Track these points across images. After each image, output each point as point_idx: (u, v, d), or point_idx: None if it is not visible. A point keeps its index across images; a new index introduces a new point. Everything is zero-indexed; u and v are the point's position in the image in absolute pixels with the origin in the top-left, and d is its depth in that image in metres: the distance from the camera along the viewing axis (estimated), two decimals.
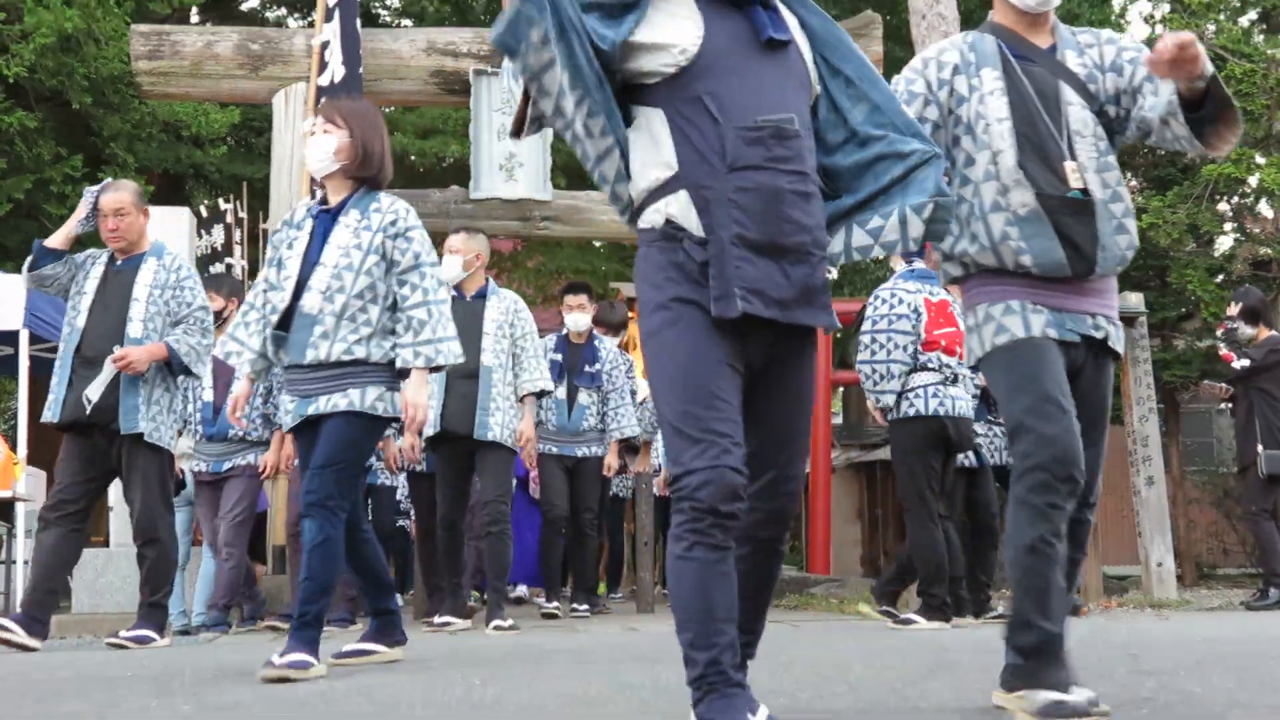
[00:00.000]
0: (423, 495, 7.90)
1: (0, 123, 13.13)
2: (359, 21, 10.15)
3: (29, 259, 6.41)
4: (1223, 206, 13.97)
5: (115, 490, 7.78)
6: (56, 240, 6.41)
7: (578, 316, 8.48)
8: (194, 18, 18.82)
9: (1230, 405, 9.82)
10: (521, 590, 10.53)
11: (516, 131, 3.09)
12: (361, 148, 4.89)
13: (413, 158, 17.13)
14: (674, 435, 2.79)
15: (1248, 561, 13.97)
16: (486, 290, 7.30)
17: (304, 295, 4.71)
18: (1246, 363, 9.31)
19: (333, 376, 4.68)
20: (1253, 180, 12.97)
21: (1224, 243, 14.68)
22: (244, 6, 20.33)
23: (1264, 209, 14.19)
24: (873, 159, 3.01)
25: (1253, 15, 15.23)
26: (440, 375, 6.86)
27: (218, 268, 11.90)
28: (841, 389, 17.56)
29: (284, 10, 20.56)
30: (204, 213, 12.29)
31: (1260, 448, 9.13)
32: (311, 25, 10.99)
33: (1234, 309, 9.59)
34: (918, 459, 7.00)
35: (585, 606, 8.35)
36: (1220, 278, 13.35)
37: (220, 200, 12.74)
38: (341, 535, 4.61)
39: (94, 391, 6.09)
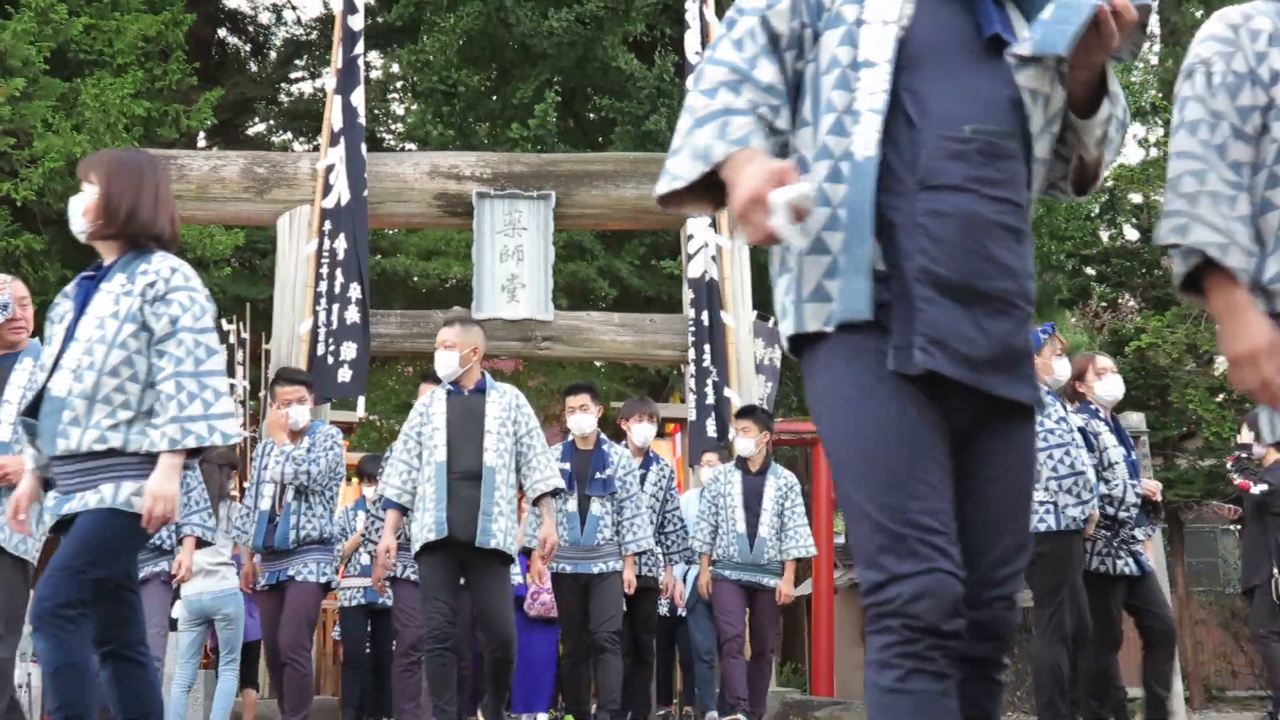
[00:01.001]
0: (359, 626, 7.97)
1: (7, 245, 13.25)
2: (364, 145, 10.30)
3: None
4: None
5: None
6: None
7: (581, 419, 7.71)
8: (201, 142, 19.10)
9: (1238, 525, 9.76)
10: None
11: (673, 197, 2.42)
12: (105, 200, 4.09)
13: (415, 278, 17.25)
14: (871, 531, 2.22)
15: (1257, 683, 13.80)
16: (485, 385, 6.74)
17: (54, 375, 3.95)
18: (1265, 487, 9.24)
19: (86, 470, 3.90)
20: None
21: (1223, 362, 14.71)
22: (250, 131, 20.66)
23: None
24: None
25: None
26: (440, 477, 6.41)
27: None
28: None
29: (290, 135, 20.86)
30: None
31: (1276, 570, 9.05)
32: (317, 149, 11.15)
33: (1247, 433, 9.52)
34: (1066, 575, 6.68)
35: None
36: (1221, 397, 13.37)
37: (223, 321, 12.82)
38: (87, 653, 3.87)
39: None
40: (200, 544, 6.96)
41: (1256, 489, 9.25)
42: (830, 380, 2.31)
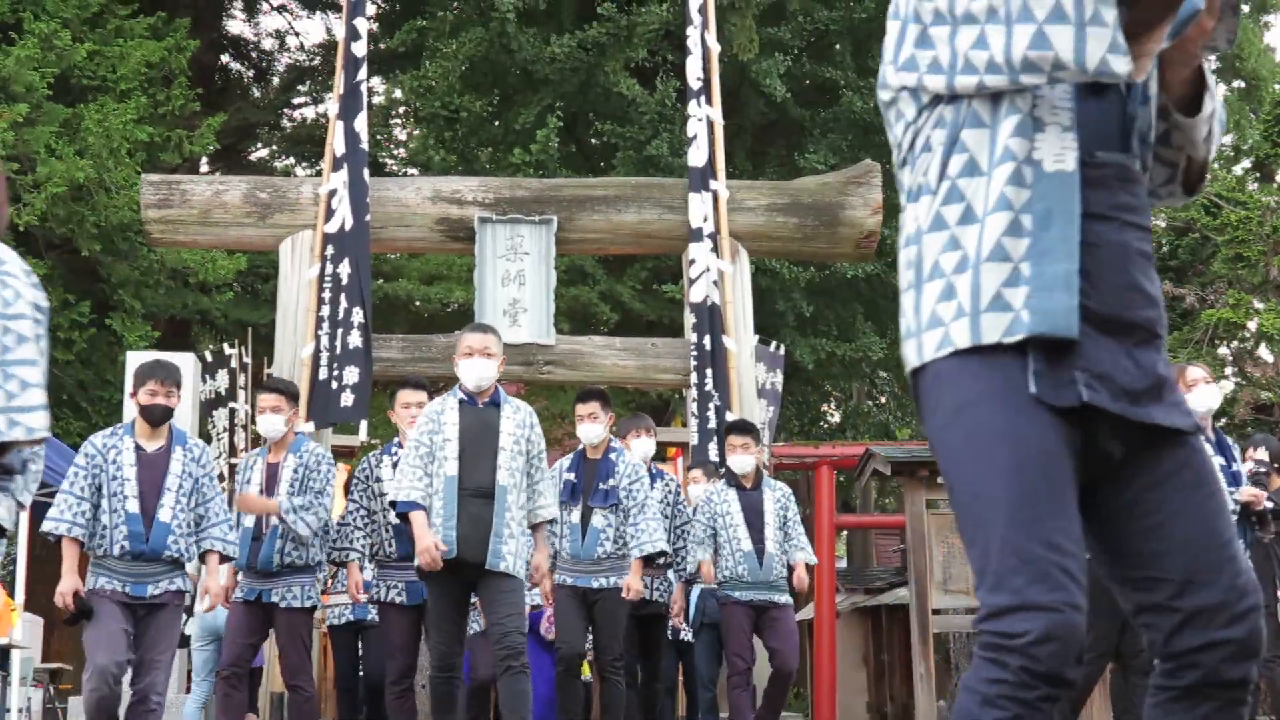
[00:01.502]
0: (349, 645, 7.71)
1: None
2: (366, 171, 10.32)
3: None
4: (1223, 351, 14.05)
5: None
6: None
7: (590, 428, 7.33)
8: (204, 167, 19.16)
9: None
10: None
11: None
12: None
13: (417, 303, 17.28)
14: (1003, 550, 2.09)
15: (1261, 708, 13.74)
16: (500, 398, 6.35)
17: None
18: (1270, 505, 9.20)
19: None
20: (1251, 325, 13.09)
21: (1225, 387, 14.72)
22: (253, 156, 20.72)
23: (1264, 354, 14.27)
24: None
25: (1246, 164, 15.49)
26: (451, 492, 6.10)
27: (221, 412, 11.94)
28: (845, 532, 17.46)
29: (292, 160, 20.92)
30: (209, 358, 12.36)
31: None
32: (319, 174, 11.18)
33: (1258, 453, 9.43)
34: None
35: None
36: (1223, 421, 13.36)
37: (225, 345, 12.84)
38: None
39: None
40: (224, 560, 6.60)
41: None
42: (975, 393, 2.18)
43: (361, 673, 8.36)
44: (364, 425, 11.17)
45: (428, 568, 6.02)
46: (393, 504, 6.49)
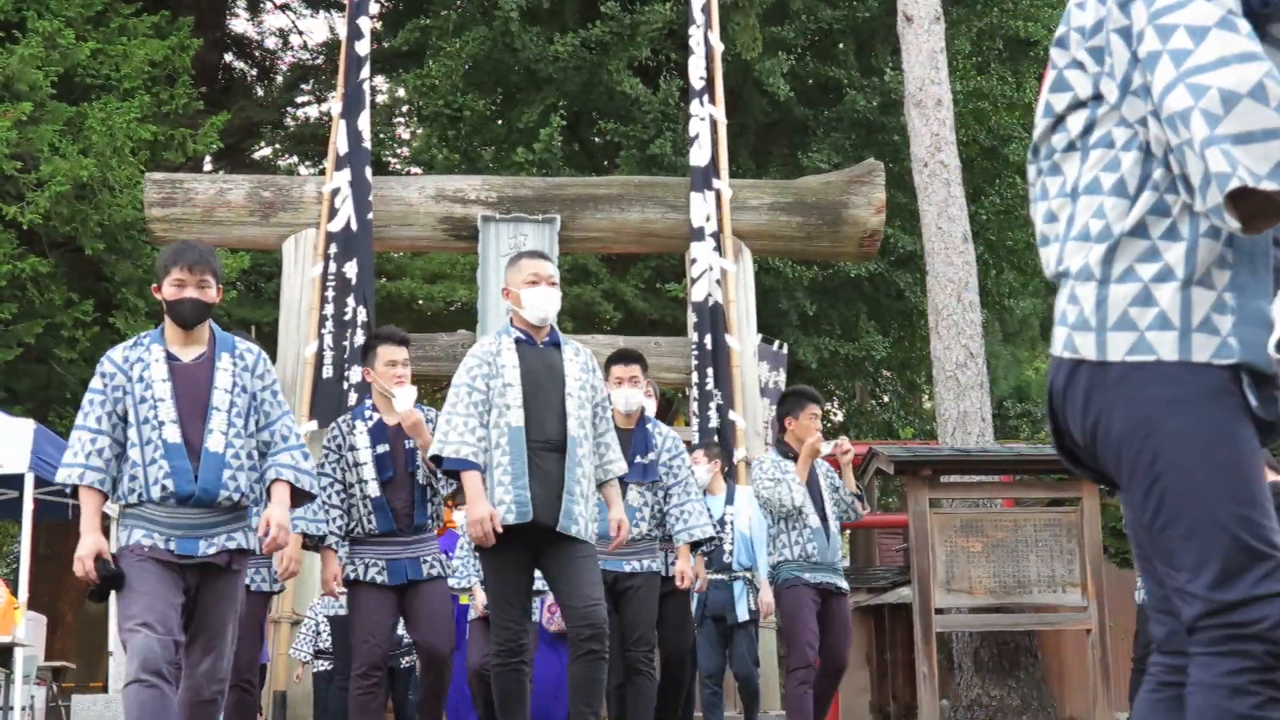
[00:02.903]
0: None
1: (13, 268, 13.29)
2: (369, 169, 10.33)
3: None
4: None
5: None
6: None
7: (629, 393, 6.44)
8: (207, 166, 19.16)
9: None
10: None
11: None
12: None
13: (420, 301, 17.28)
14: (1230, 549, 2.15)
15: None
16: (559, 338, 5.61)
17: None
18: None
19: None
20: None
21: None
22: (256, 155, 20.71)
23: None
24: None
25: None
26: (518, 445, 5.29)
27: None
28: (847, 531, 17.46)
29: (295, 159, 20.92)
30: None
31: None
32: (322, 173, 11.19)
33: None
34: None
35: None
36: None
37: None
38: None
39: None
40: (309, 542, 5.84)
41: None
42: (1189, 393, 2.24)
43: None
44: None
45: (479, 541, 5.23)
46: (435, 459, 5.43)
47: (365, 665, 5.84)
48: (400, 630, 8.06)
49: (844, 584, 7.18)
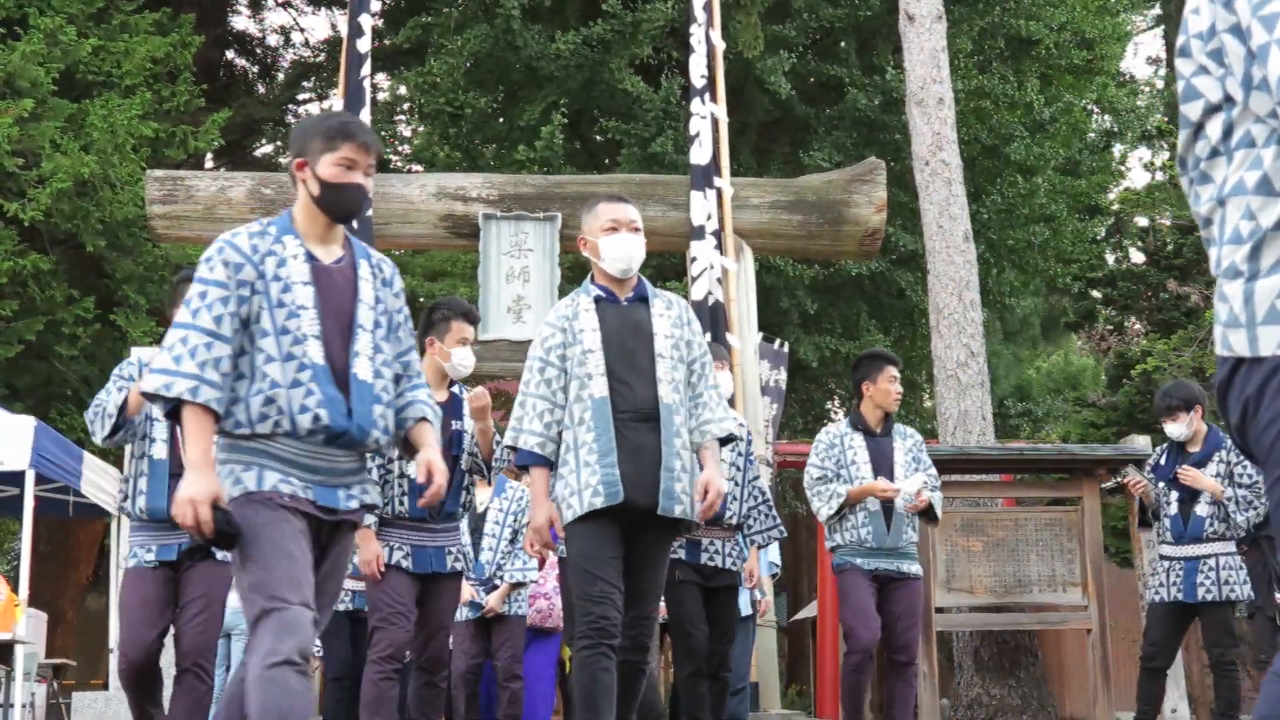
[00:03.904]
0: (344, 630, 6.60)
1: (14, 265, 13.29)
2: None
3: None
4: None
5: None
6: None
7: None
8: (208, 163, 19.16)
9: (1243, 550, 9.74)
10: None
11: None
12: None
13: (421, 299, 17.28)
14: None
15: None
16: (645, 290, 4.96)
17: None
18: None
19: None
20: None
21: None
22: (258, 152, 20.72)
23: None
24: None
25: None
26: (603, 418, 4.64)
27: None
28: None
29: None
30: None
31: (1277, 594, 9.03)
32: None
33: None
34: None
35: None
36: None
37: None
38: None
39: None
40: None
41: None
42: None
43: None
44: None
45: (534, 554, 4.62)
46: (511, 449, 4.87)
47: (392, 647, 5.49)
48: None
49: (911, 568, 6.54)
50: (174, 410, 3.46)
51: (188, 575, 5.31)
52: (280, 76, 21.57)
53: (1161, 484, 7.75)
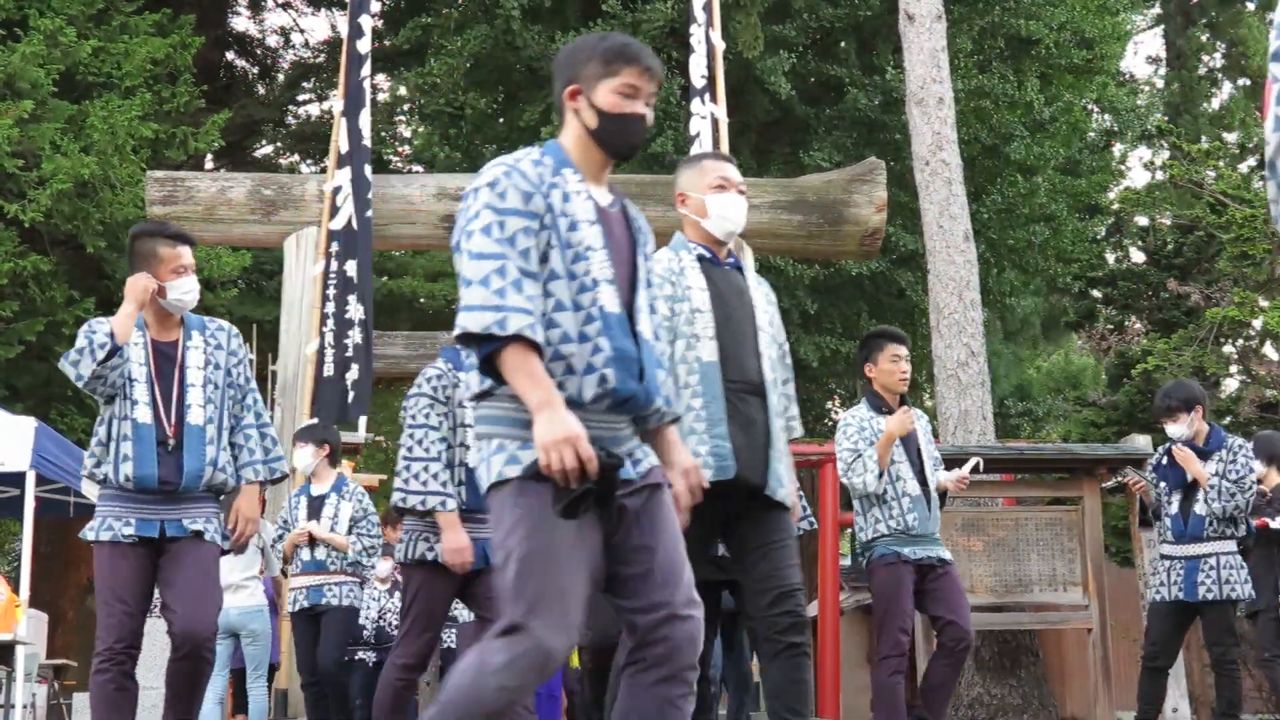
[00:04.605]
0: (310, 629, 7.05)
1: (14, 266, 13.29)
2: (370, 168, 10.32)
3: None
4: (1228, 349, 14.04)
5: None
6: None
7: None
8: (208, 164, 19.16)
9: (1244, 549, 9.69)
10: None
11: None
12: None
13: (421, 300, 17.29)
14: None
15: (1265, 706, 13.73)
16: (737, 259, 4.49)
17: None
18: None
19: None
20: (1256, 324, 13.08)
21: (1230, 385, 14.70)
22: (258, 153, 20.72)
23: (1269, 351, 14.26)
24: None
25: (1252, 162, 15.48)
26: (713, 385, 4.17)
27: None
28: (849, 530, 17.44)
29: (297, 157, 20.93)
30: None
31: None
32: (324, 172, 11.18)
33: (1261, 467, 9.23)
34: None
35: None
36: (1227, 420, 13.35)
37: None
38: None
39: None
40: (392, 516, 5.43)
41: (1276, 523, 9.05)
42: None
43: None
44: (363, 422, 11.19)
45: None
46: None
47: (419, 657, 5.18)
48: (362, 620, 7.90)
49: (947, 555, 6.19)
50: (487, 359, 2.86)
51: (175, 553, 4.82)
52: (280, 77, 21.57)
53: (1162, 484, 7.74)
